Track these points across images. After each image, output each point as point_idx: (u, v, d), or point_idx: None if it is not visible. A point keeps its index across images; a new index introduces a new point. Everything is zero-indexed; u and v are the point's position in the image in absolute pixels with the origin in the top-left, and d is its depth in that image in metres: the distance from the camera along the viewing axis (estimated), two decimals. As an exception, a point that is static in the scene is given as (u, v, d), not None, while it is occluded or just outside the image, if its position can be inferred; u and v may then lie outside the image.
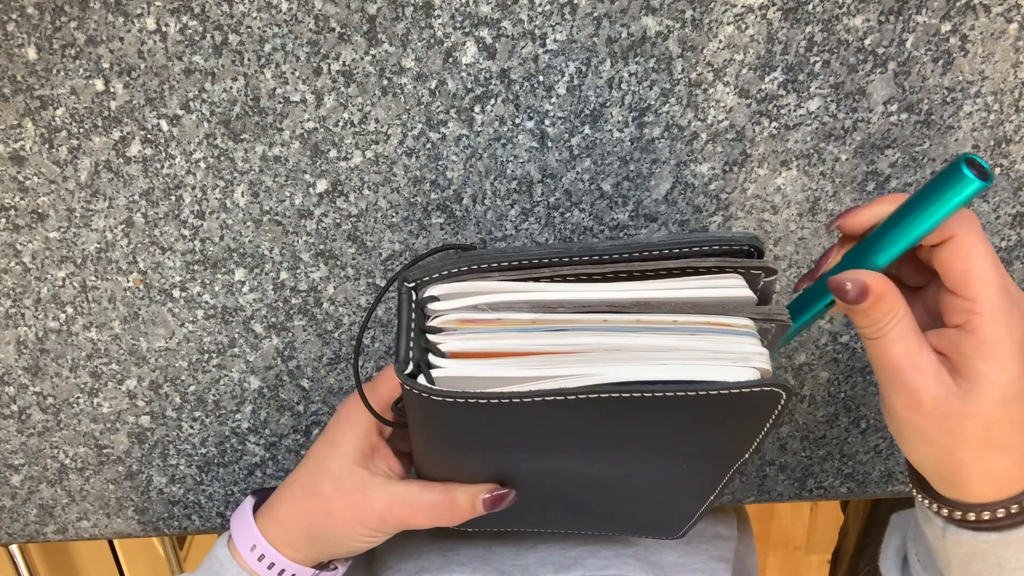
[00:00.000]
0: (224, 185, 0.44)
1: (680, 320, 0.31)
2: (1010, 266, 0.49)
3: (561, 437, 0.34)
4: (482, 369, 0.30)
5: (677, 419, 0.32)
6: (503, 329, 0.31)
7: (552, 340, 0.31)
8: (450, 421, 0.32)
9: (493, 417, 0.31)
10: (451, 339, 0.31)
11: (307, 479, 0.40)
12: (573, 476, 0.38)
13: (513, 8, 0.40)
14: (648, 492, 0.40)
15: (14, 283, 0.47)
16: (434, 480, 0.39)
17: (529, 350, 0.31)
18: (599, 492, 0.40)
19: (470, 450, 0.35)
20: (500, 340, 0.31)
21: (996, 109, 0.43)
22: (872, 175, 0.45)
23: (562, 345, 0.31)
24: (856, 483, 0.59)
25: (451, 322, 0.32)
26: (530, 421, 0.32)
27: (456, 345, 0.31)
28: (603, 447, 0.35)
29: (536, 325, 0.31)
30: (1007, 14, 0.40)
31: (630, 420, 0.32)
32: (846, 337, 0.51)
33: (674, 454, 0.35)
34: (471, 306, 0.32)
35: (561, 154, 0.44)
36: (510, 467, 0.37)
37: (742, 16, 0.40)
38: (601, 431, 0.33)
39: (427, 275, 0.33)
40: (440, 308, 0.32)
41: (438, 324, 0.32)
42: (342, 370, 0.51)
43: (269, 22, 0.40)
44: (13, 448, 0.54)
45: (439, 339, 0.31)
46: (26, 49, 0.40)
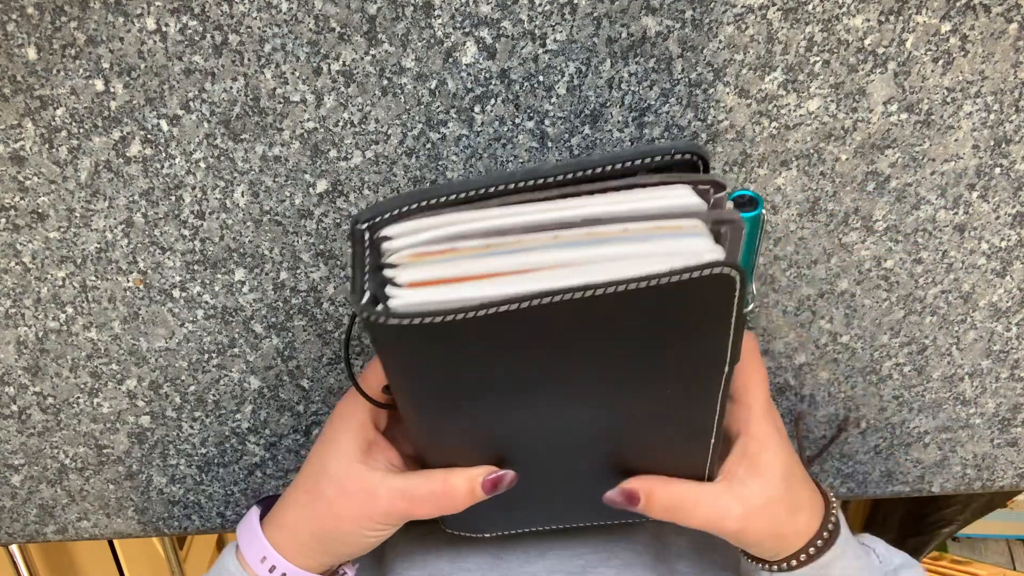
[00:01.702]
0: (224, 185, 0.44)
1: (631, 228, 0.32)
2: (1010, 266, 0.49)
3: (531, 371, 0.34)
4: (439, 294, 0.31)
5: (636, 327, 0.32)
6: (458, 257, 0.32)
7: (506, 260, 0.31)
8: (413, 357, 0.33)
9: (456, 347, 0.32)
10: (407, 271, 0.32)
11: (309, 482, 0.40)
12: (566, 432, 0.38)
13: (513, 8, 0.40)
14: (648, 437, 0.39)
15: (14, 283, 0.47)
16: (431, 455, 0.39)
17: (484, 272, 0.31)
18: (599, 451, 0.40)
19: (445, 400, 0.35)
20: (455, 267, 0.32)
21: (996, 109, 0.43)
22: (872, 175, 0.45)
23: (516, 264, 0.31)
24: (856, 483, 0.59)
25: (405, 257, 0.32)
26: (494, 350, 0.32)
27: (412, 275, 0.32)
28: (577, 380, 0.35)
29: (489, 249, 0.32)
30: (1007, 14, 0.40)
31: (591, 335, 0.32)
32: (846, 337, 0.51)
33: (650, 377, 0.35)
34: (425, 240, 0.33)
35: (561, 154, 0.44)
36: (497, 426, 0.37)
37: (742, 16, 0.40)
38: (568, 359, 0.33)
39: (377, 215, 0.33)
40: (394, 246, 0.33)
41: (394, 260, 0.33)
42: (342, 370, 0.51)
43: (269, 22, 0.40)
44: (13, 448, 0.54)
45: (395, 272, 0.32)
46: (26, 49, 0.40)
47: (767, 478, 0.39)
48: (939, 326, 0.51)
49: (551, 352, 0.33)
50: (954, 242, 0.48)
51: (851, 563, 0.42)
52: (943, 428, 0.56)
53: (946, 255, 0.48)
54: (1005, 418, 0.56)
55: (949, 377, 0.54)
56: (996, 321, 0.51)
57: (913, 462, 0.58)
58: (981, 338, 0.52)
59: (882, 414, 0.55)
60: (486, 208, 0.33)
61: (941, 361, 0.53)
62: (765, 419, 0.40)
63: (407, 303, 0.31)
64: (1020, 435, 0.57)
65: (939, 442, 0.57)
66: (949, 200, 0.46)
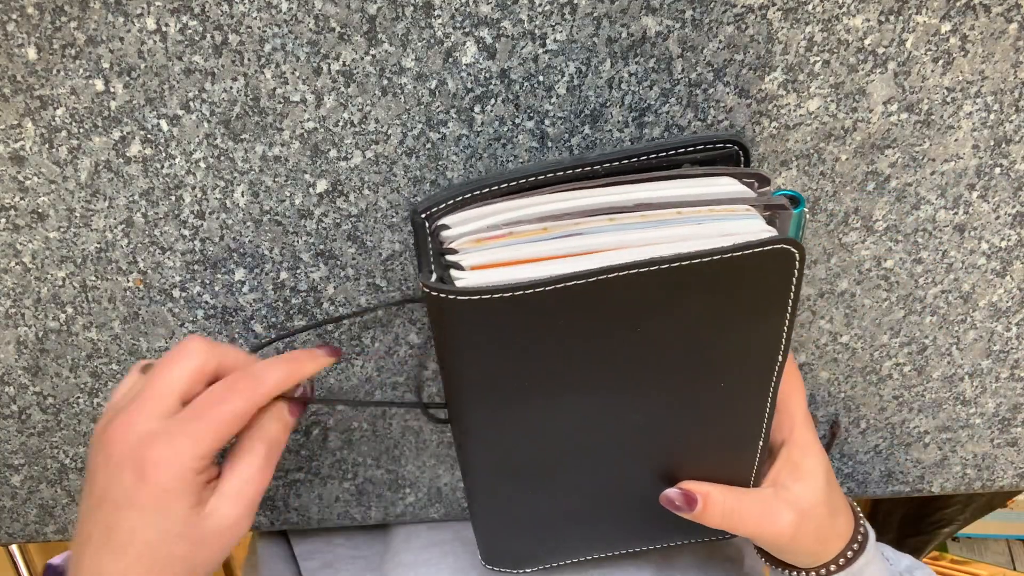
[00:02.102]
0: (224, 185, 0.44)
1: (685, 211, 0.33)
2: (1010, 266, 0.49)
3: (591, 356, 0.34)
4: (503, 275, 0.31)
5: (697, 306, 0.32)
6: (517, 241, 0.33)
7: (565, 243, 0.32)
8: (476, 336, 0.33)
9: (520, 324, 0.32)
10: (469, 255, 0.33)
11: (146, 561, 0.33)
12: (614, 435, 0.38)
13: (513, 8, 0.40)
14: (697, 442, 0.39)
15: (14, 283, 0.47)
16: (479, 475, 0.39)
17: (545, 255, 0.32)
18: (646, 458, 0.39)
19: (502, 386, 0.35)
20: (516, 250, 0.32)
21: (996, 109, 0.43)
22: (872, 175, 0.45)
23: (576, 246, 0.32)
24: (856, 483, 0.59)
25: (466, 243, 0.33)
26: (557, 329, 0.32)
27: (475, 259, 0.32)
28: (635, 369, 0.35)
29: (548, 233, 0.33)
30: (1007, 14, 0.40)
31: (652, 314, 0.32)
32: (846, 337, 0.51)
33: (707, 366, 0.35)
34: (483, 228, 0.33)
35: (561, 154, 0.44)
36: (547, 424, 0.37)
37: (742, 16, 0.40)
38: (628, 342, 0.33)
39: (434, 205, 0.34)
40: (453, 234, 0.34)
41: (454, 246, 0.33)
42: (342, 370, 0.51)
43: (269, 22, 0.40)
44: (13, 448, 0.54)
45: (458, 257, 0.33)
46: (26, 49, 0.40)
47: (811, 482, 0.40)
48: (939, 326, 0.51)
49: (613, 334, 0.33)
50: (954, 242, 0.48)
51: (879, 567, 0.43)
52: (943, 428, 0.56)
53: (946, 255, 0.48)
54: (1005, 418, 0.56)
55: (949, 377, 0.54)
56: (996, 321, 0.51)
57: (913, 462, 0.58)
58: (981, 338, 0.52)
59: (882, 414, 0.55)
60: (539, 195, 0.34)
61: (941, 361, 0.53)
62: (806, 426, 0.41)
63: (472, 284, 0.31)
64: (1020, 435, 0.57)
65: (939, 442, 0.57)
66: (949, 200, 0.46)
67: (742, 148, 0.35)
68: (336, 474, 0.56)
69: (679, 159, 0.35)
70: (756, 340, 0.34)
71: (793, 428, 0.41)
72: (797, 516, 0.39)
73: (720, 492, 0.40)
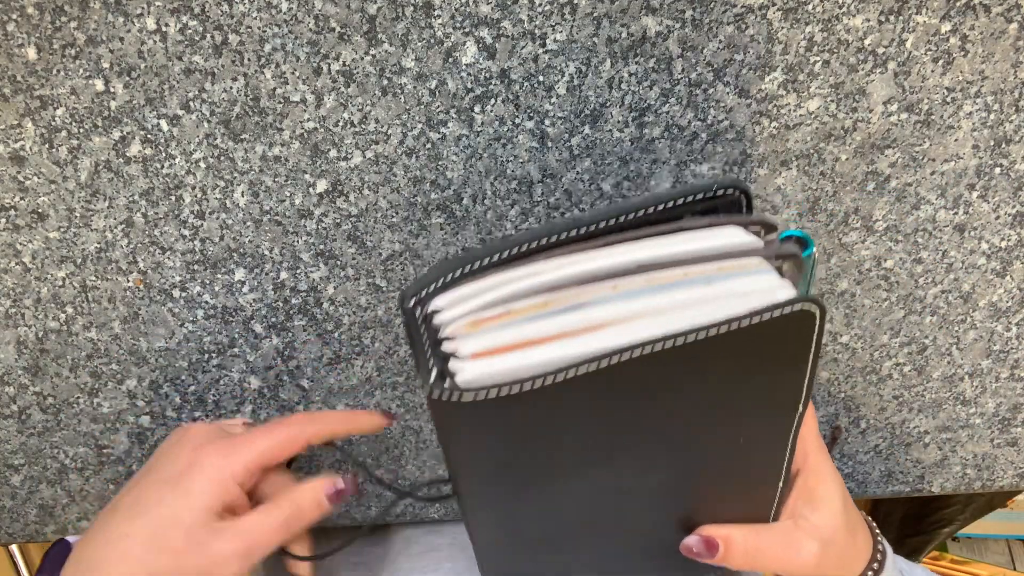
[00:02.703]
0: (224, 185, 0.44)
1: (691, 272, 0.31)
2: (1010, 266, 0.49)
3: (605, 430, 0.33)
4: (507, 362, 0.29)
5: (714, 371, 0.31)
6: (515, 320, 0.30)
7: (568, 318, 0.30)
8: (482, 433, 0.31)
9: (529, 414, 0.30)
10: (467, 342, 0.30)
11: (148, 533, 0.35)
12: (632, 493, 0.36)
13: (513, 8, 0.39)
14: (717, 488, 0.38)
15: (14, 283, 0.47)
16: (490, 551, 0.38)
17: (548, 335, 0.30)
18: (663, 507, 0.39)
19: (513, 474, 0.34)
20: (516, 331, 0.30)
21: (996, 109, 0.43)
22: (872, 175, 0.45)
23: (580, 322, 0.30)
24: (856, 483, 0.59)
25: (462, 328, 0.31)
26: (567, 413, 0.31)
27: (474, 346, 0.30)
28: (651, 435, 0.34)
29: (548, 308, 0.30)
30: (1007, 14, 0.40)
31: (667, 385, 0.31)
32: (846, 337, 0.51)
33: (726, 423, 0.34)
34: (478, 307, 0.31)
35: (561, 154, 0.44)
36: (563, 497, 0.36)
37: (742, 16, 0.40)
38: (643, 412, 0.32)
39: (423, 288, 0.31)
40: (447, 318, 0.31)
41: (449, 333, 0.31)
42: (342, 370, 0.51)
43: (269, 22, 0.40)
44: (13, 448, 0.54)
45: (455, 346, 0.30)
46: (26, 49, 0.40)
47: (829, 508, 0.40)
48: (939, 326, 0.51)
49: (626, 408, 0.32)
50: (954, 242, 0.48)
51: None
52: (943, 428, 0.56)
53: (946, 255, 0.48)
54: (1005, 418, 0.56)
55: (949, 377, 0.54)
56: (996, 321, 0.51)
57: (913, 462, 0.58)
58: (981, 338, 0.52)
59: (882, 414, 0.55)
60: (533, 263, 0.31)
61: (941, 361, 0.53)
62: (820, 452, 0.41)
63: (475, 376, 0.29)
64: (1020, 435, 0.57)
65: (939, 442, 0.57)
66: (949, 200, 0.46)
67: (744, 192, 0.33)
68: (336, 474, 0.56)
69: (679, 211, 0.33)
70: (776, 395, 0.33)
71: (807, 456, 0.40)
72: (820, 545, 0.39)
73: (741, 533, 0.39)
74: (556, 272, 0.31)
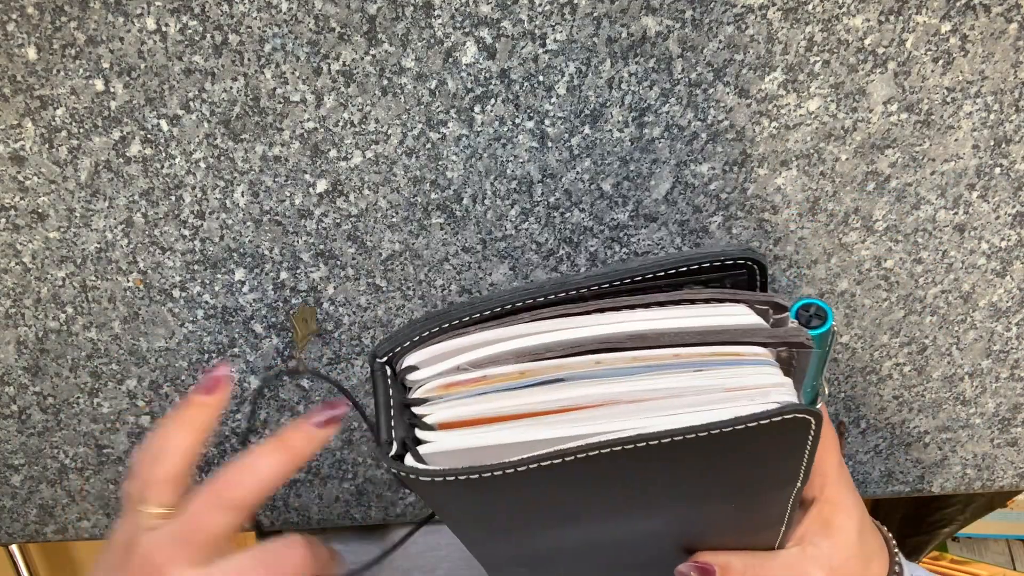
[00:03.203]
0: (224, 185, 0.44)
1: (683, 354, 0.28)
2: (1010, 266, 0.49)
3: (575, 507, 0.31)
4: (474, 438, 0.28)
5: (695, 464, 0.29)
6: (491, 388, 0.28)
7: (544, 396, 0.28)
8: (451, 500, 0.30)
9: (497, 489, 0.28)
10: (437, 408, 0.28)
11: None
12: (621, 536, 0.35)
13: (513, 8, 0.39)
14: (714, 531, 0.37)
15: (14, 283, 0.47)
16: None
17: (521, 411, 0.28)
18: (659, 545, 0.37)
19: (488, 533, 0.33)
20: (489, 402, 0.28)
21: (996, 109, 0.43)
22: (872, 175, 0.45)
23: (555, 401, 0.28)
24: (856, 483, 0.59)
25: (434, 390, 0.29)
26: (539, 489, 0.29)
27: (443, 414, 0.28)
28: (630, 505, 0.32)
29: (525, 378, 0.28)
30: (1007, 14, 0.40)
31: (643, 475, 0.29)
32: (846, 337, 0.51)
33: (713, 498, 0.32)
34: (453, 367, 0.29)
35: (561, 154, 0.44)
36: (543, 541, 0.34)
37: (742, 16, 0.40)
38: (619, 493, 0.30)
39: (397, 345, 0.29)
40: (420, 377, 0.29)
41: (421, 395, 0.29)
42: (342, 370, 0.51)
43: (269, 22, 0.40)
44: (13, 448, 0.54)
45: (424, 410, 0.29)
46: (26, 49, 0.40)
47: (842, 538, 0.38)
48: (939, 326, 0.51)
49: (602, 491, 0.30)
50: (954, 242, 0.48)
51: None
52: (943, 428, 0.56)
53: (946, 255, 0.48)
54: (1005, 418, 0.56)
55: (949, 377, 0.54)
56: (996, 321, 0.51)
57: (913, 462, 0.58)
58: (981, 338, 0.52)
59: (882, 414, 0.55)
60: (517, 324, 0.29)
61: (941, 361, 0.53)
62: (839, 482, 0.39)
63: (440, 448, 0.28)
64: (1020, 435, 0.57)
65: (939, 442, 0.57)
66: (949, 200, 0.46)
67: (757, 264, 0.30)
68: (336, 474, 0.56)
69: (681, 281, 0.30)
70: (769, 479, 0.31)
71: (824, 486, 0.39)
72: (826, 574, 0.38)
73: (741, 560, 0.38)
74: (538, 338, 0.28)
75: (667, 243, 0.47)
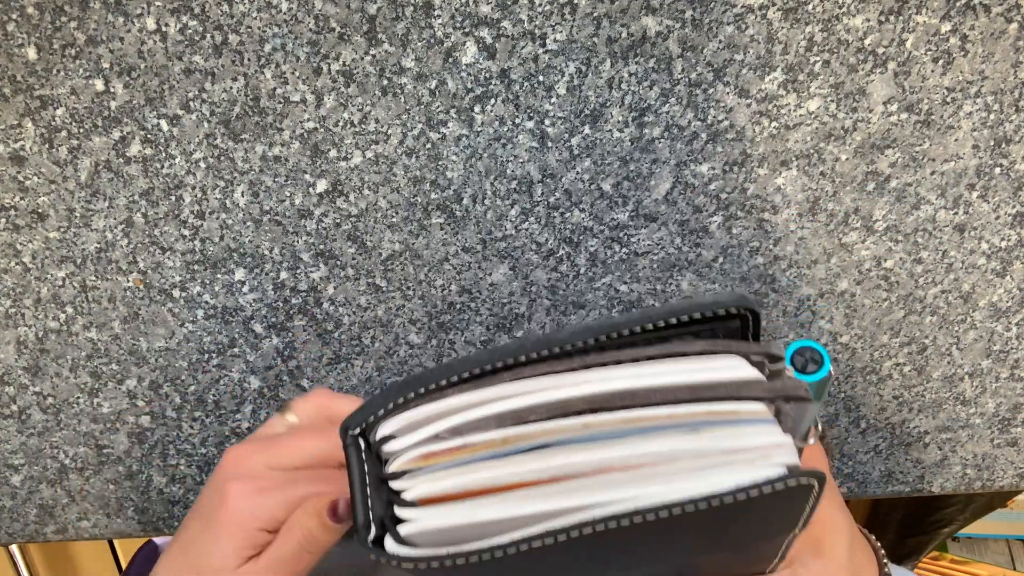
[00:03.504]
0: (224, 185, 0.44)
1: (677, 414, 0.27)
2: (1010, 266, 0.49)
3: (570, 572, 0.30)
4: (456, 514, 0.26)
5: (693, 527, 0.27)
6: (472, 457, 0.27)
7: (530, 465, 0.26)
8: None
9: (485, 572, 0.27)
10: (416, 482, 0.27)
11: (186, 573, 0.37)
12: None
13: (513, 8, 0.39)
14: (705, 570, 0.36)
15: (14, 283, 0.47)
16: None
17: (505, 483, 0.26)
18: None
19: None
20: (471, 473, 0.27)
21: (996, 109, 0.43)
22: (872, 175, 0.45)
23: (542, 470, 0.26)
24: (856, 483, 0.59)
25: (412, 461, 0.27)
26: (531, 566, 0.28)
27: (423, 489, 0.27)
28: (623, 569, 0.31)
29: (508, 445, 0.27)
30: (1007, 14, 0.40)
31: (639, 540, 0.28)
32: (846, 337, 0.51)
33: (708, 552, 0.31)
34: (431, 436, 0.27)
35: (561, 154, 0.44)
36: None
37: (742, 16, 0.40)
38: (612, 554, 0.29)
39: (371, 414, 0.28)
40: (397, 448, 0.28)
41: (398, 467, 0.27)
42: (342, 370, 0.51)
43: (269, 22, 0.40)
44: (13, 448, 0.54)
45: (402, 484, 0.27)
46: (26, 49, 0.40)
47: (832, 556, 0.39)
48: (939, 326, 0.51)
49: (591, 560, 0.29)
50: (954, 242, 0.48)
51: None
52: (943, 428, 0.56)
53: (946, 255, 0.48)
54: (1005, 418, 0.56)
55: (949, 377, 0.54)
56: (996, 321, 0.51)
57: (913, 462, 0.58)
58: (981, 338, 0.52)
59: (882, 414, 0.55)
60: (497, 385, 0.27)
61: (941, 361, 0.53)
62: (829, 501, 0.40)
63: (421, 528, 0.26)
64: (1020, 435, 0.57)
65: (939, 442, 0.57)
66: (949, 200, 0.46)
67: (751, 313, 0.29)
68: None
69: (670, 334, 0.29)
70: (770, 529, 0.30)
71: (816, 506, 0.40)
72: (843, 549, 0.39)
73: None
74: (520, 400, 0.27)
75: (667, 243, 0.47)
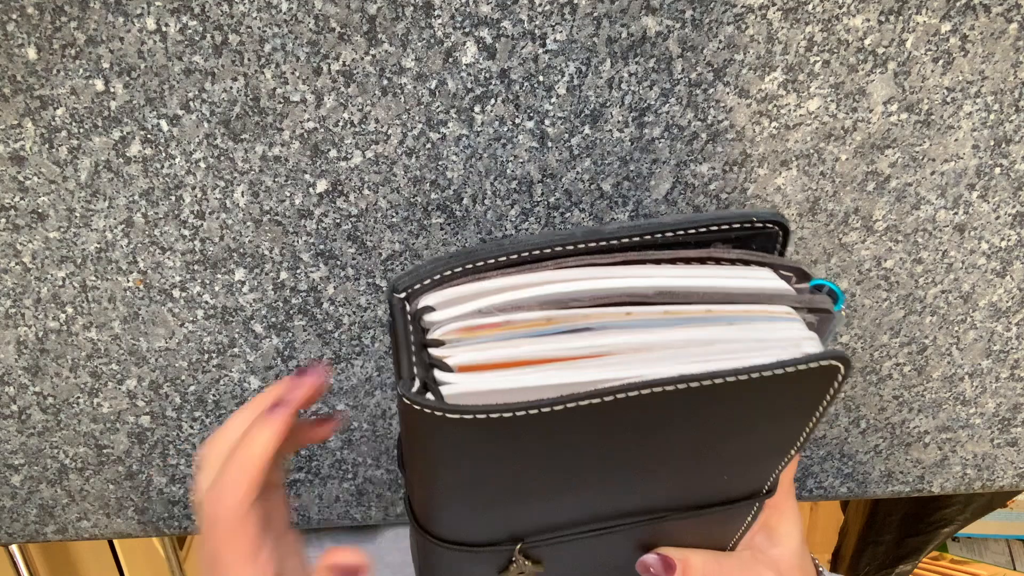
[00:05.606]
0: (224, 185, 0.44)
1: (714, 310, 0.28)
2: (1010, 266, 0.49)
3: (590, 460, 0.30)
4: (498, 380, 0.26)
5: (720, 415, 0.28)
6: (514, 334, 0.27)
7: (572, 343, 0.27)
8: (461, 451, 0.28)
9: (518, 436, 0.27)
10: (457, 351, 0.27)
11: None
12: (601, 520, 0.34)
13: (513, 8, 0.40)
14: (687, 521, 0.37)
15: (14, 283, 0.47)
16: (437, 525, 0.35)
17: (548, 356, 0.27)
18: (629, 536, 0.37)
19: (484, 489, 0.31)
20: (513, 347, 0.27)
21: (996, 109, 0.43)
22: (872, 175, 0.45)
23: (585, 348, 0.27)
24: (856, 483, 0.59)
25: (454, 332, 0.27)
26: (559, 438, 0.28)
27: (464, 357, 0.27)
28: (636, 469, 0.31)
29: (551, 325, 0.27)
30: (1007, 14, 0.40)
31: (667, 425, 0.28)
32: (846, 337, 0.51)
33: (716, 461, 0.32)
34: (474, 311, 0.28)
35: (561, 154, 0.44)
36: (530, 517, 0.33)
37: (742, 16, 0.40)
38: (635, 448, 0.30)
39: (417, 282, 0.28)
40: (439, 318, 0.28)
41: (439, 336, 0.28)
42: (342, 370, 0.51)
43: (269, 22, 0.40)
44: (13, 448, 0.54)
45: (443, 352, 0.27)
46: (26, 49, 0.40)
47: (787, 546, 0.41)
48: (939, 326, 0.51)
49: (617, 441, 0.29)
50: (954, 242, 0.48)
51: None
52: (943, 428, 0.56)
53: (946, 255, 0.48)
54: (1005, 418, 0.56)
55: (949, 377, 0.54)
56: (996, 321, 0.51)
57: (913, 462, 0.58)
58: (981, 338, 0.52)
59: (882, 414, 0.55)
60: (541, 271, 0.28)
61: (941, 361, 0.53)
62: (788, 493, 0.41)
63: (462, 390, 0.26)
64: (1020, 435, 0.57)
65: (939, 442, 0.57)
66: (949, 200, 0.46)
67: (781, 227, 0.30)
68: (336, 474, 0.56)
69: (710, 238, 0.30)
70: (775, 439, 0.32)
71: (777, 495, 0.41)
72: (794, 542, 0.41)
73: (699, 557, 0.39)
74: (566, 285, 0.27)
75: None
